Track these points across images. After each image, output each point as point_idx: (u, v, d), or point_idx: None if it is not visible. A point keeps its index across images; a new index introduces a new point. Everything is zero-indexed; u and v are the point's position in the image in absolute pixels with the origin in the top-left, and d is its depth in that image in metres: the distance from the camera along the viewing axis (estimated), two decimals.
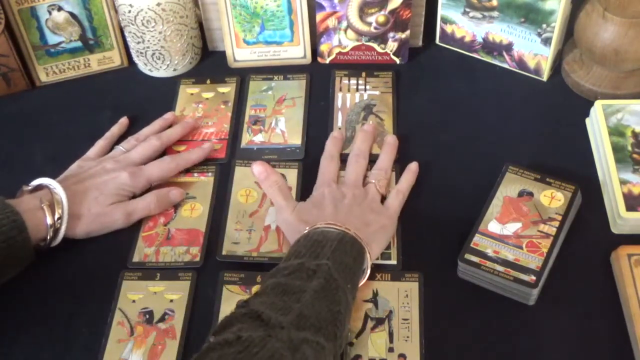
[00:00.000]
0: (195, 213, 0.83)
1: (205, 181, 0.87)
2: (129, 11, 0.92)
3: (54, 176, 0.88)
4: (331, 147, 0.86)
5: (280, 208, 0.80)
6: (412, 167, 0.84)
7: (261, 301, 0.64)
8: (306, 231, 0.73)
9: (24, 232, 0.73)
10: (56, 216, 0.76)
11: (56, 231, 0.76)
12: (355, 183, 0.81)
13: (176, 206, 0.84)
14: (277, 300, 0.64)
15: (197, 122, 0.92)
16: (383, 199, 0.81)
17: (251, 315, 0.62)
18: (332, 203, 0.77)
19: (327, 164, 0.84)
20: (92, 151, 0.87)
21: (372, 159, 0.86)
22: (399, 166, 0.86)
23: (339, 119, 0.92)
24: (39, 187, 0.79)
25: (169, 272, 0.78)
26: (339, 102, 0.94)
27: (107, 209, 0.79)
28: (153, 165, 0.84)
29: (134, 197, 0.83)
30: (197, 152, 0.87)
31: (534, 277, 0.72)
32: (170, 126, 0.91)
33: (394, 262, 0.77)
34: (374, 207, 0.78)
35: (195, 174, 0.87)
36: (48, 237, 0.76)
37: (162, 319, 0.75)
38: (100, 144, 0.88)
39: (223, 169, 0.88)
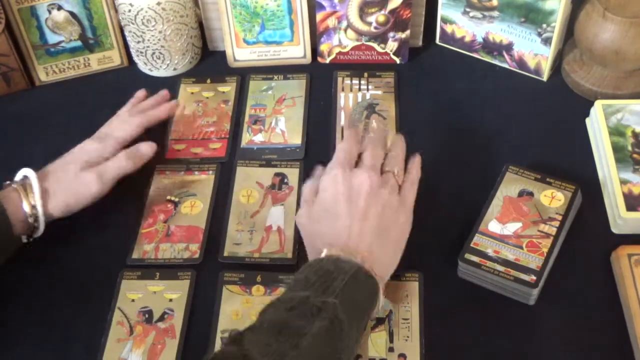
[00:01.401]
0: (195, 210, 0.83)
1: (205, 179, 0.87)
2: (129, 10, 0.91)
3: None
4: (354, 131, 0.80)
5: (300, 207, 0.75)
6: (417, 159, 0.78)
7: (256, 340, 0.59)
8: (320, 257, 0.68)
9: (3, 214, 0.73)
10: (30, 196, 0.76)
11: (34, 210, 0.76)
12: (373, 167, 0.73)
13: (176, 203, 0.84)
14: (273, 341, 0.59)
15: (176, 104, 0.94)
16: None
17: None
18: (346, 208, 0.70)
19: (348, 140, 0.77)
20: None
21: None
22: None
23: (342, 119, 0.92)
24: (23, 179, 0.79)
25: (168, 271, 0.78)
26: (341, 101, 0.94)
27: (78, 177, 0.79)
28: (117, 127, 0.85)
29: None
30: (162, 109, 0.90)
31: (534, 277, 0.72)
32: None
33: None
34: (392, 203, 0.72)
35: (196, 172, 0.87)
36: (30, 221, 0.76)
37: (161, 319, 0.75)
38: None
39: (223, 167, 0.88)
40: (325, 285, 0.63)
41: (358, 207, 0.70)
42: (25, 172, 0.78)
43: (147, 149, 0.84)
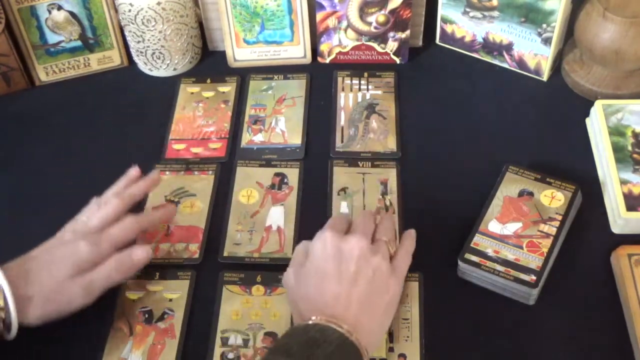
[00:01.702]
0: (194, 210, 0.83)
1: (206, 179, 0.86)
2: (129, 10, 0.91)
3: (54, 176, 0.88)
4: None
5: (288, 268, 0.72)
6: (412, 231, 0.76)
7: None
8: (307, 323, 0.65)
9: None
10: (1, 303, 0.66)
11: (4, 321, 0.67)
12: (365, 233, 0.71)
13: (176, 203, 0.84)
14: None
15: (159, 177, 0.82)
16: None
17: None
18: (335, 270, 0.67)
19: (338, 215, 0.80)
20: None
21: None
22: (400, 168, 0.86)
23: (342, 118, 0.92)
24: None
25: (168, 271, 0.78)
26: (341, 101, 0.94)
27: (62, 285, 0.69)
28: (114, 227, 0.74)
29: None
30: (162, 212, 0.80)
31: (534, 277, 0.72)
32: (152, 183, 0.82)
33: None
34: (383, 271, 0.69)
35: (196, 172, 0.87)
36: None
37: (161, 319, 0.75)
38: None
39: (223, 167, 0.88)
40: (308, 352, 0.61)
41: (348, 272, 0.67)
42: None
43: (141, 256, 0.73)
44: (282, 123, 0.92)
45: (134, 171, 0.80)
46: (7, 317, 0.67)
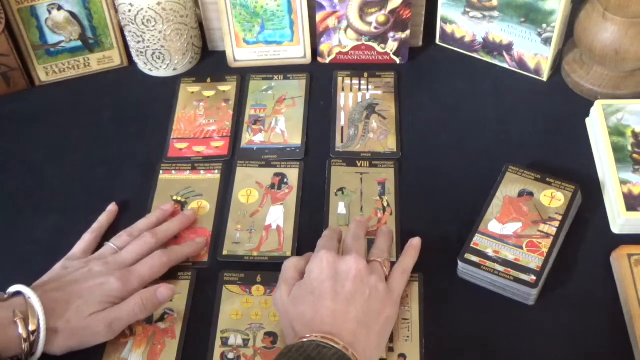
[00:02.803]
0: (202, 211, 0.83)
1: (212, 178, 0.87)
2: (129, 10, 0.91)
3: (54, 176, 0.88)
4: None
5: (278, 286, 0.72)
6: (415, 243, 0.76)
7: None
8: (302, 341, 0.64)
9: None
10: (30, 328, 0.66)
11: (32, 346, 0.66)
12: (360, 253, 0.72)
13: (182, 204, 0.84)
14: None
15: (195, 214, 0.82)
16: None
17: None
18: (331, 289, 0.67)
19: (330, 230, 0.77)
20: (79, 247, 0.77)
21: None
22: (400, 172, 0.86)
23: (342, 118, 0.92)
24: (15, 294, 0.69)
25: (168, 271, 0.77)
26: (341, 101, 0.94)
27: (87, 321, 0.69)
28: (144, 265, 0.74)
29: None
30: (191, 245, 0.79)
31: (534, 277, 0.72)
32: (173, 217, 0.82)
33: (392, 259, 0.77)
34: (379, 291, 0.69)
35: (202, 172, 0.87)
36: (24, 353, 0.66)
37: (161, 319, 0.74)
38: (87, 238, 0.78)
39: (226, 166, 0.88)
40: None
41: (344, 291, 0.67)
42: (30, 297, 0.67)
43: (166, 294, 0.72)
44: (282, 123, 0.92)
45: (169, 206, 0.82)
46: (35, 345, 0.67)
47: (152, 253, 0.75)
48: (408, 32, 0.96)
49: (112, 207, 0.83)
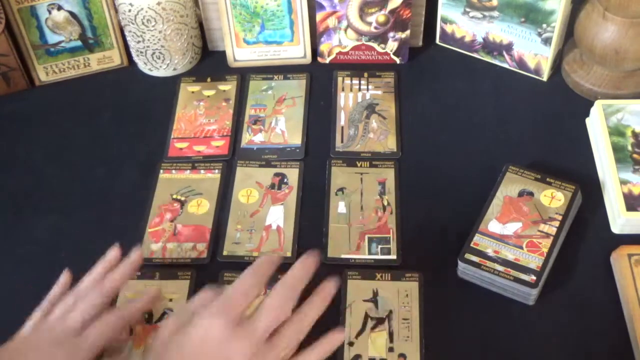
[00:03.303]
0: (201, 210, 0.83)
1: (212, 178, 0.87)
2: (129, 10, 0.91)
3: (54, 176, 0.88)
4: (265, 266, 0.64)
5: (172, 316, 0.64)
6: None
7: None
8: None
9: None
10: None
11: None
12: (264, 333, 0.60)
13: (182, 202, 0.84)
14: None
15: (141, 256, 0.73)
16: None
17: None
18: None
19: (249, 281, 0.64)
20: (27, 327, 0.68)
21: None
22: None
23: (342, 118, 0.92)
24: None
25: (168, 271, 0.78)
26: (341, 101, 0.94)
27: None
28: (94, 330, 0.66)
29: None
30: (145, 300, 0.71)
31: (534, 277, 0.72)
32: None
33: (393, 256, 0.77)
34: None
35: (202, 171, 0.87)
36: None
37: (161, 319, 0.74)
38: (37, 316, 0.69)
39: (226, 165, 0.88)
40: None
41: None
42: None
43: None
44: (282, 123, 0.92)
45: (113, 253, 0.72)
46: None
47: (99, 312, 0.68)
48: (408, 32, 0.96)
49: (64, 279, 0.72)
